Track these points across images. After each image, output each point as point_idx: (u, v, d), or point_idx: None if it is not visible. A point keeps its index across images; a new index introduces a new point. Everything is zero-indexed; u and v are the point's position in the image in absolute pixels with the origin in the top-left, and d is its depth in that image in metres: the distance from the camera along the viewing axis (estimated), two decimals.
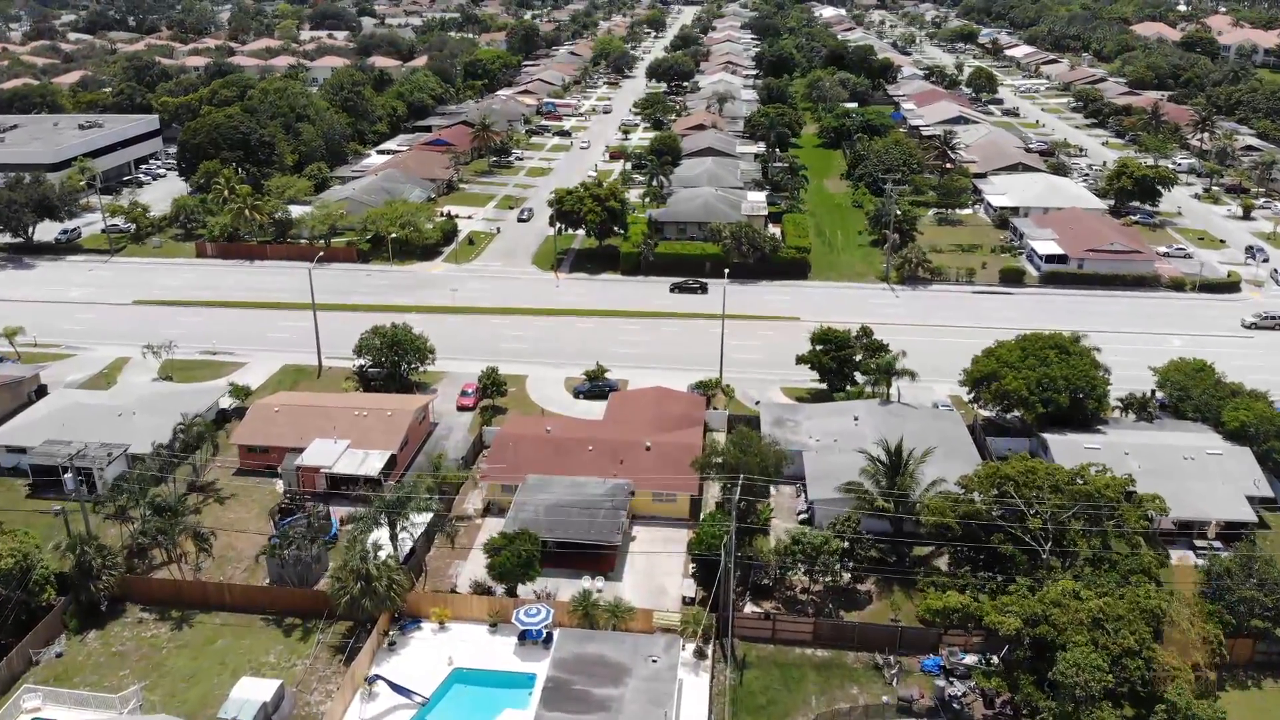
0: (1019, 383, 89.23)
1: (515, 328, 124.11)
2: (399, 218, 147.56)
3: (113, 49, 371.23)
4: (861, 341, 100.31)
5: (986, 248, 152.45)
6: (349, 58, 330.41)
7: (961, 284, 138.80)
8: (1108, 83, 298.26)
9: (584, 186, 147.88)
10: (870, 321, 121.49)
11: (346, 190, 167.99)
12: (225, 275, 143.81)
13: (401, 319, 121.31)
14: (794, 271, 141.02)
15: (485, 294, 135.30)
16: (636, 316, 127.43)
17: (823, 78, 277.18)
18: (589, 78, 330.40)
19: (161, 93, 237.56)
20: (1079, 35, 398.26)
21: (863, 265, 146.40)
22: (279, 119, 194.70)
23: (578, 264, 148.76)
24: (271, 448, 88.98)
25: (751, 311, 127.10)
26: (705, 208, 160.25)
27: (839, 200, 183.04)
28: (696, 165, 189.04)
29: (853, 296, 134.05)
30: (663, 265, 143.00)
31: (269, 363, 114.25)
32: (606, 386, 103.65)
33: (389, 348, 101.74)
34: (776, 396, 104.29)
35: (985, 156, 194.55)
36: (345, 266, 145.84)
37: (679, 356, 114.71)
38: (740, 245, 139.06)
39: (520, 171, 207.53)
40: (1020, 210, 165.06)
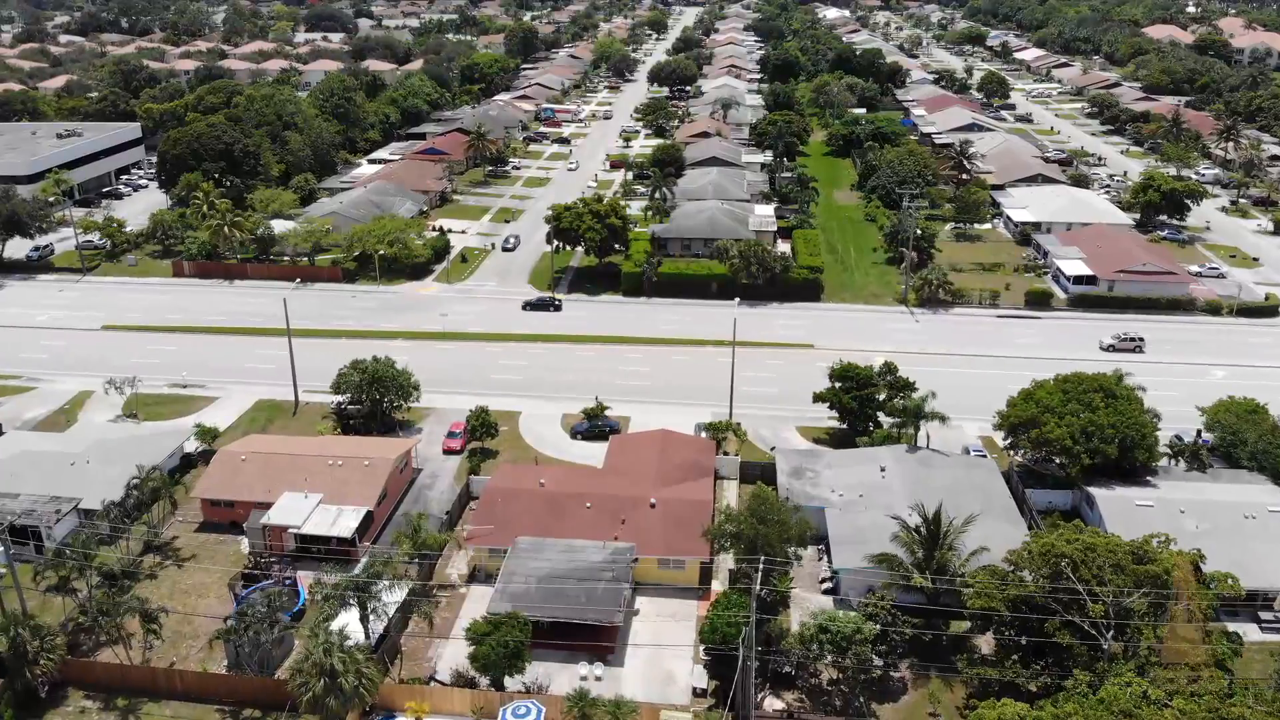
0: (1062, 431, 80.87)
1: (509, 356, 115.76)
2: (387, 235, 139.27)
3: (102, 52, 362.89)
4: (885, 379, 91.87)
5: (1009, 266, 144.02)
6: (343, 61, 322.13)
7: (985, 307, 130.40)
8: (1122, 87, 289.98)
9: (583, 202, 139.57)
10: (889, 350, 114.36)
11: (333, 204, 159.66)
12: (202, 296, 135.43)
13: (386, 348, 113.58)
14: (806, 293, 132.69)
15: (477, 318, 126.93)
16: (639, 344, 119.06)
17: (829, 82, 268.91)
18: (589, 82, 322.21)
19: (146, 99, 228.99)
20: (1089, 38, 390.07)
21: (878, 285, 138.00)
22: (265, 127, 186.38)
23: (577, 283, 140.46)
24: (237, 502, 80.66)
25: (761, 337, 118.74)
26: (711, 223, 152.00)
27: (850, 213, 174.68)
28: (701, 176, 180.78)
29: (869, 321, 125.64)
30: (667, 286, 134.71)
31: (242, 397, 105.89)
32: (606, 427, 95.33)
33: (369, 384, 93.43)
34: (792, 437, 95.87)
35: (1003, 167, 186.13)
36: (329, 287, 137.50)
37: (685, 389, 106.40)
38: (749, 265, 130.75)
39: (517, 182, 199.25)
40: (1042, 226, 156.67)
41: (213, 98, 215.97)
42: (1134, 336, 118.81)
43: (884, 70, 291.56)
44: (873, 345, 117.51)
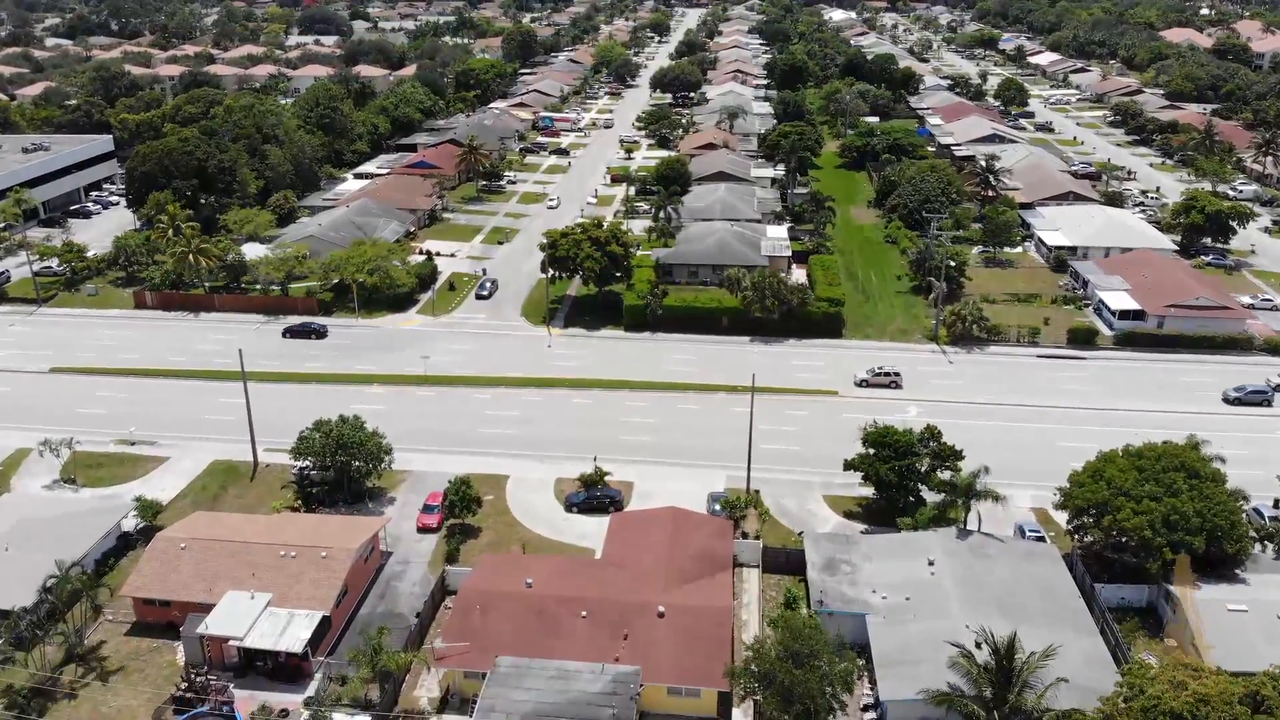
0: (1140, 520, 68.92)
1: (498, 404, 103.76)
2: (367, 262, 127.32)
3: (87, 56, 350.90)
4: (928, 445, 79.89)
5: (1045, 297, 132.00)
6: (334, 66, 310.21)
7: (1023, 345, 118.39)
8: (1144, 95, 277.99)
9: (581, 227, 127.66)
10: (922, 398, 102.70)
11: (310, 227, 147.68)
12: (164, 332, 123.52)
13: (360, 395, 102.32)
14: (826, 328, 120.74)
15: (464, 357, 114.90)
16: (643, 389, 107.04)
17: (840, 89, 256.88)
18: (589, 88, 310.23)
19: (121, 109, 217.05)
20: (1104, 41, 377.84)
21: (905, 319, 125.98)
22: (243, 141, 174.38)
23: (574, 316, 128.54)
24: (174, 602, 68.78)
25: (778, 380, 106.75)
26: (720, 247, 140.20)
27: (868, 233, 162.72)
28: (708, 193, 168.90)
29: (897, 361, 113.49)
30: (673, 320, 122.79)
31: (197, 456, 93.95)
32: (606, 498, 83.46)
33: (334, 450, 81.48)
34: (820, 510, 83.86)
35: (1030, 184, 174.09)
36: (303, 321, 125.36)
37: (695, 446, 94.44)
38: (763, 298, 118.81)
39: (512, 197, 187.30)
40: (1079, 251, 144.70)
41: (191, 108, 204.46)
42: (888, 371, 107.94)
43: (897, 76, 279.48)
44: (903, 391, 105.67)
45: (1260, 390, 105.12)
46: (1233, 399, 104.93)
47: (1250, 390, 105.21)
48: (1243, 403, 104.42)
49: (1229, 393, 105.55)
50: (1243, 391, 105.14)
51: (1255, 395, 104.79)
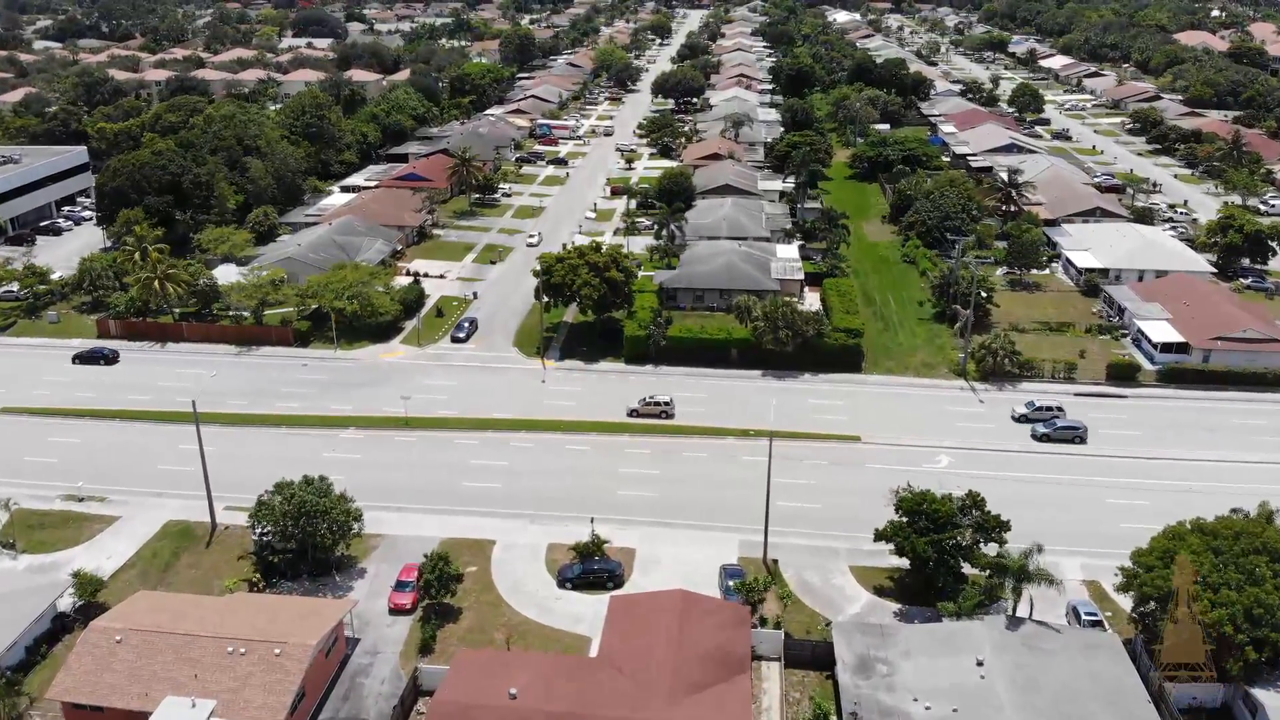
0: (1220, 613, 59.58)
1: (485, 452, 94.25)
2: (347, 288, 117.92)
3: (74, 60, 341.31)
4: (970, 515, 70.47)
5: (1079, 325, 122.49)
6: (326, 70, 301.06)
7: (1059, 381, 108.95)
8: (1162, 101, 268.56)
9: (578, 251, 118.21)
10: (953, 445, 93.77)
11: (289, 247, 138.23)
12: (126, 366, 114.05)
13: (333, 441, 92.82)
14: (844, 362, 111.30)
15: (449, 395, 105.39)
16: (645, 433, 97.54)
17: (850, 95, 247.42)
18: (589, 93, 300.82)
19: (98, 117, 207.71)
20: (1117, 44, 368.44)
21: (929, 350, 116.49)
22: (223, 153, 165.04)
23: (570, 346, 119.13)
24: (107, 708, 59.42)
25: (793, 421, 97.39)
26: (728, 271, 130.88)
27: (884, 252, 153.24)
28: (713, 208, 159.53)
29: (923, 400, 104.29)
30: (678, 352, 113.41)
31: (150, 515, 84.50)
32: (604, 572, 74.00)
33: (296, 518, 72.05)
34: (847, 585, 74.35)
35: (1054, 199, 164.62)
36: (276, 354, 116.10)
37: (703, 502, 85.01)
38: (775, 329, 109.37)
39: (507, 212, 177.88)
40: (1111, 273, 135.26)
41: (171, 116, 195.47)
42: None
43: (907, 81, 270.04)
44: (932, 436, 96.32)
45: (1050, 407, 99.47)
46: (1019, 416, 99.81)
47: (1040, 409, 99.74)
48: (1052, 439, 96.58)
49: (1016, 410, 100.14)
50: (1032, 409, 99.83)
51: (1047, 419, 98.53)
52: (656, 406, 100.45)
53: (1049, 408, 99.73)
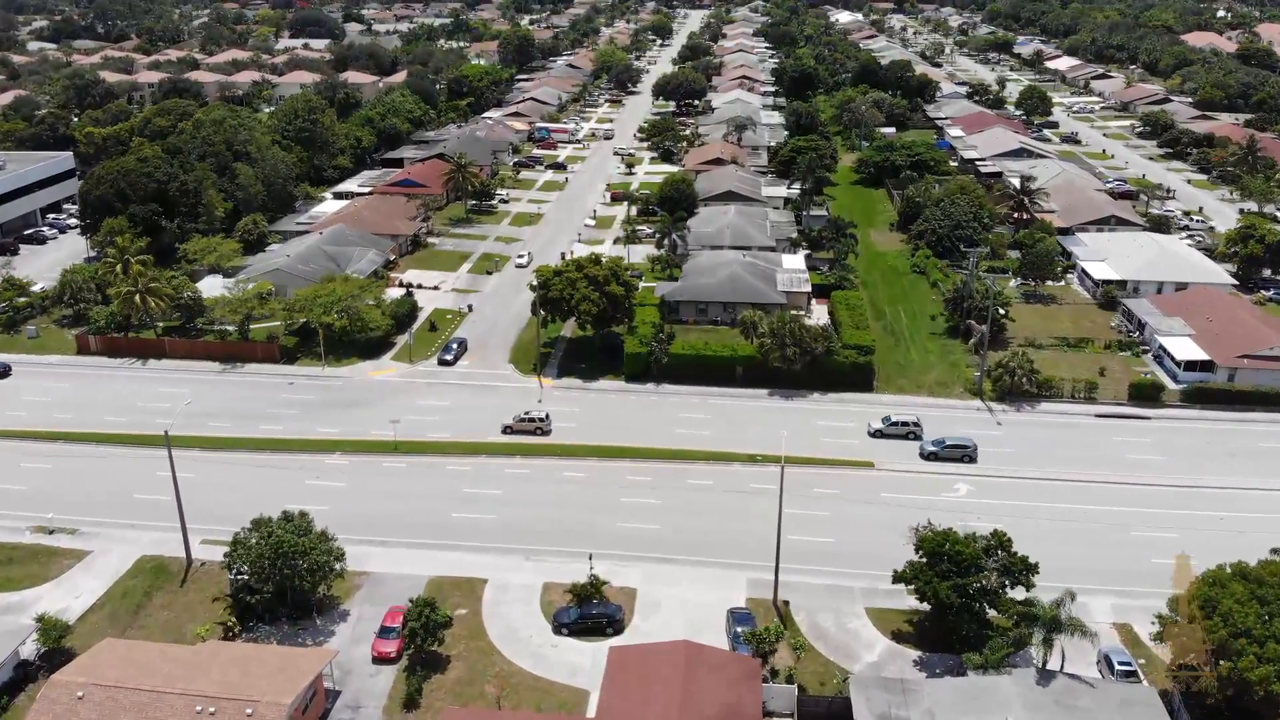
0: (1267, 670, 54.93)
1: (477, 479, 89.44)
2: (336, 301, 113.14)
3: (67, 61, 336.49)
4: (996, 557, 65.73)
5: (1098, 341, 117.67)
6: (322, 72, 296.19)
7: (1079, 401, 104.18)
8: (1172, 103, 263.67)
9: (577, 264, 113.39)
10: (972, 472, 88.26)
11: (277, 258, 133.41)
12: (104, 384, 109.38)
13: (317, 467, 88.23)
14: (855, 381, 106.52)
15: (441, 416, 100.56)
16: (646, 458, 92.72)
17: (854, 98, 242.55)
18: (588, 95, 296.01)
19: (86, 122, 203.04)
20: (1124, 45, 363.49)
21: (943, 368, 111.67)
22: (211, 159, 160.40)
23: (568, 362, 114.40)
24: None
25: (802, 444, 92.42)
26: (731, 282, 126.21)
27: (893, 261, 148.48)
28: (716, 216, 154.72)
29: (938, 423, 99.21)
30: (680, 370, 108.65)
31: (123, 549, 79.82)
32: (604, 616, 69.24)
33: (273, 559, 67.32)
34: (864, 630, 69.55)
35: (1068, 206, 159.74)
36: (261, 372, 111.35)
37: (708, 535, 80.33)
38: (783, 346, 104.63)
39: (504, 219, 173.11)
40: (1129, 285, 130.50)
41: (161, 120, 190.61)
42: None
43: (913, 84, 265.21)
44: (949, 462, 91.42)
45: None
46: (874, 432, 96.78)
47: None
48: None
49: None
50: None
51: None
52: (531, 423, 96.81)
53: (905, 422, 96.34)
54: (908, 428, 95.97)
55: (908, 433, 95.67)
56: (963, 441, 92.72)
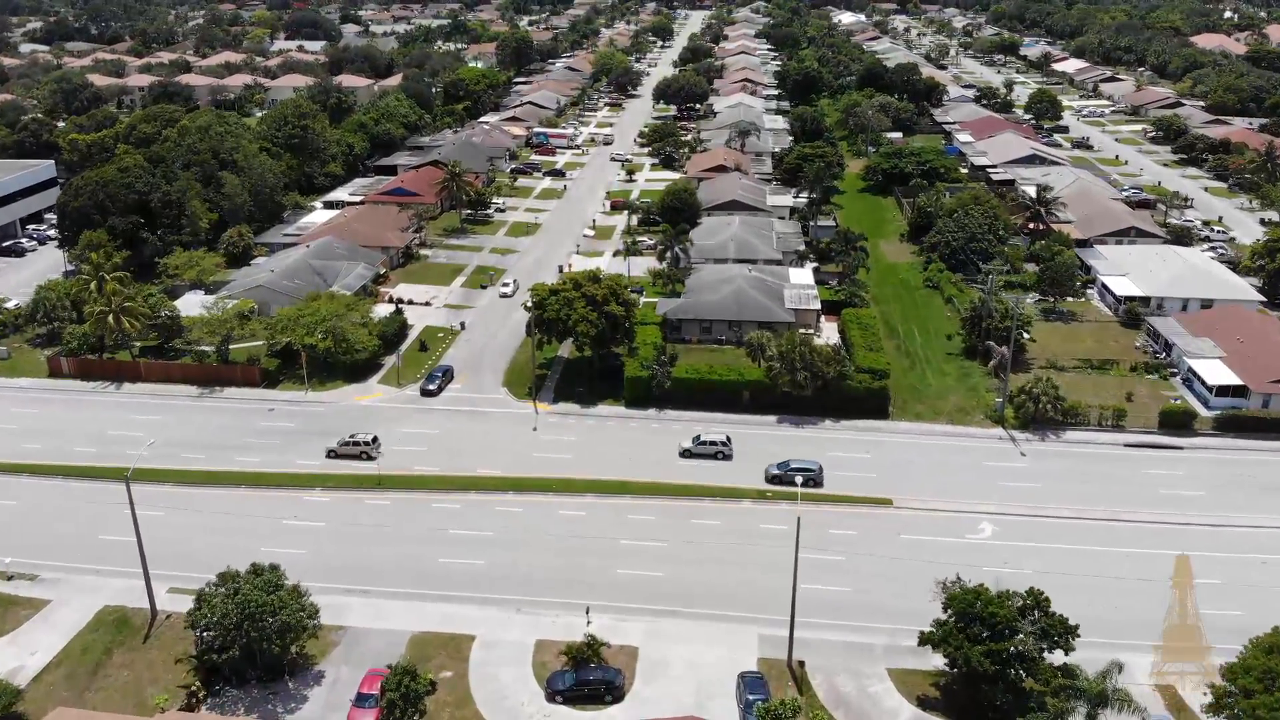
0: None
1: (467, 518, 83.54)
2: (320, 322, 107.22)
3: (58, 64, 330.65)
4: (1034, 619, 59.84)
5: (1123, 363, 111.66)
6: (316, 75, 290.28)
7: (1107, 429, 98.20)
8: (1185, 107, 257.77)
9: (574, 283, 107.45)
10: (994, 511, 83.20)
11: (261, 274, 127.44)
12: (75, 411, 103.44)
13: (295, 504, 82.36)
14: (869, 407, 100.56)
15: (429, 446, 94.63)
16: (649, 494, 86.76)
17: (860, 102, 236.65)
18: (588, 98, 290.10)
19: (70, 128, 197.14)
20: (1131, 47, 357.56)
21: (961, 392, 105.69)
22: (196, 168, 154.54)
23: (565, 386, 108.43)
24: None
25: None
26: (737, 300, 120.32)
27: (904, 275, 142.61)
28: (720, 227, 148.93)
29: (958, 453, 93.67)
30: (684, 394, 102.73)
31: (85, 599, 73.97)
32: (602, 683, 63.25)
33: (239, 622, 61.38)
34: (887, 697, 63.53)
35: (1085, 216, 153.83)
36: (241, 396, 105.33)
37: (716, 584, 74.39)
38: (793, 370, 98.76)
39: (501, 229, 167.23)
40: (1153, 302, 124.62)
41: (147, 127, 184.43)
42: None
43: (920, 87, 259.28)
44: (972, 498, 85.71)
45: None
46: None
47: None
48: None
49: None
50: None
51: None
52: (356, 446, 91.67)
53: (715, 441, 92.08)
54: (716, 447, 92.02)
55: (716, 452, 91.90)
56: (808, 465, 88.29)
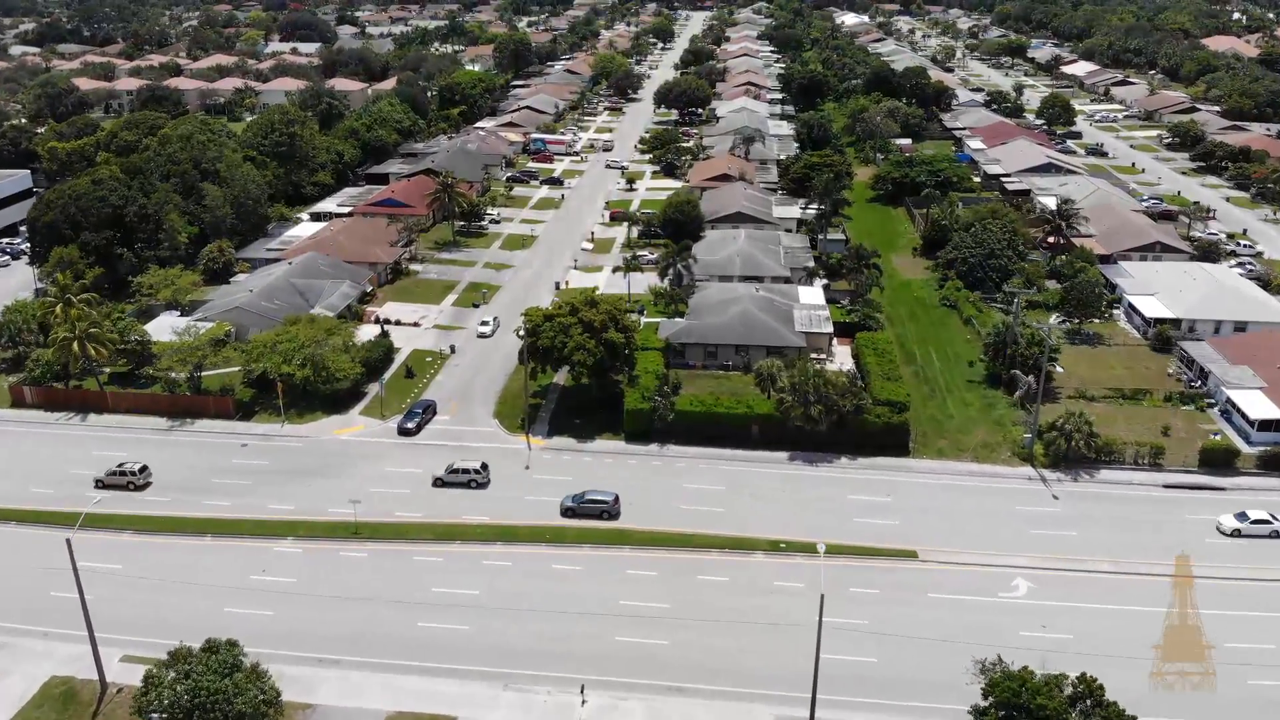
0: None
1: (451, 573, 76.35)
2: (298, 349, 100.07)
3: (46, 67, 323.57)
4: (1087, 710, 52.78)
5: (1156, 393, 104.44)
6: (309, 78, 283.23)
7: (1143, 468, 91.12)
8: (1200, 112, 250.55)
9: (570, 308, 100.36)
10: (1031, 565, 75.51)
11: (240, 294, 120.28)
12: (37, 445, 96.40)
13: (262, 557, 75.32)
14: (888, 443, 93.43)
15: (413, 488, 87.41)
16: (651, 545, 79.63)
17: (868, 107, 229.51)
18: (587, 102, 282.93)
19: (49, 135, 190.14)
20: (1141, 50, 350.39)
21: (985, 425, 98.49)
22: (175, 179, 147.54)
23: (561, 417, 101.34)
24: None
25: (832, 524, 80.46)
26: (744, 323, 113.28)
27: (918, 292, 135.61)
28: (724, 242, 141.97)
29: (986, 496, 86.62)
30: (687, 429, 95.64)
31: (31, 667, 66.89)
32: None
33: (189, 712, 54.28)
34: None
35: (1107, 230, 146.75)
36: (213, 430, 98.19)
37: (726, 654, 67.25)
38: (806, 404, 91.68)
39: (495, 241, 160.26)
40: (1183, 325, 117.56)
41: (128, 134, 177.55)
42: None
43: (929, 91, 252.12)
44: (1003, 550, 78.68)
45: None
46: None
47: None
48: None
49: None
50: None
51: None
52: (124, 477, 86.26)
53: (468, 469, 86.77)
54: (469, 475, 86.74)
55: (469, 480, 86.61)
56: (601, 497, 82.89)
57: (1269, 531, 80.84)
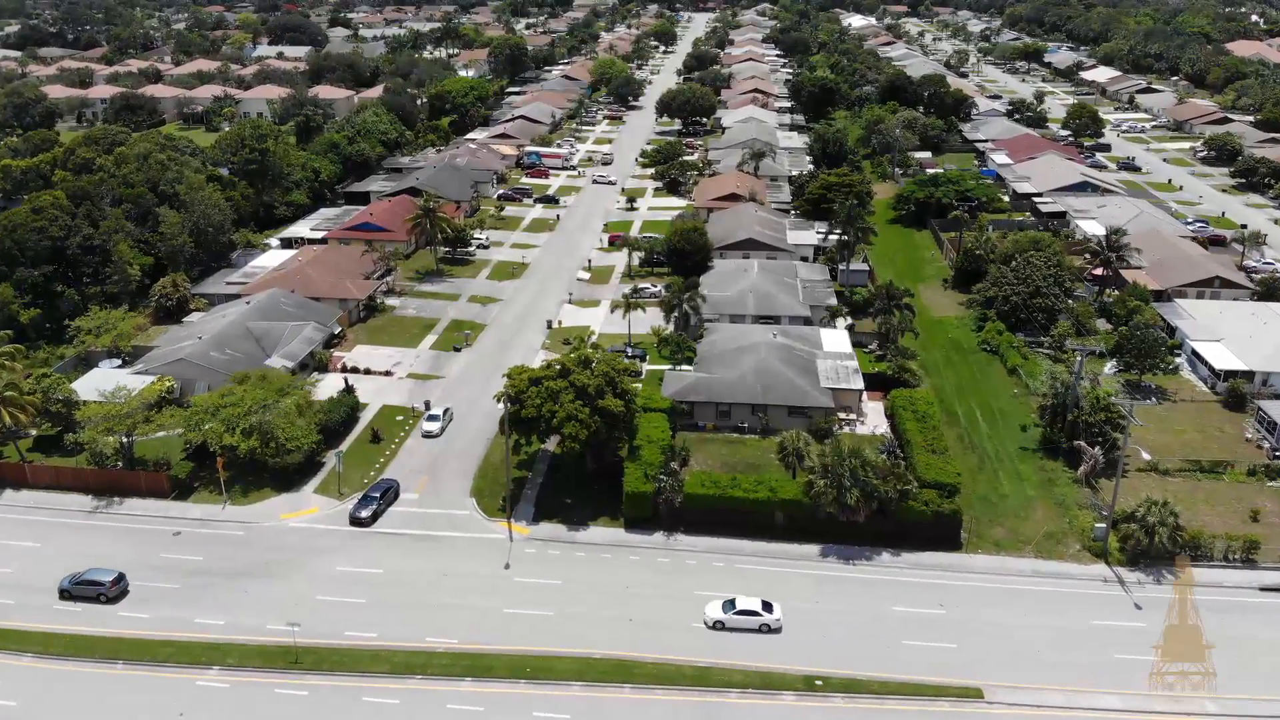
0: None
1: (409, 718, 62.09)
2: (243, 415, 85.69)
3: (22, 74, 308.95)
4: None
5: (1238, 465, 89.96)
6: (292, 84, 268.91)
7: (1235, 565, 76.79)
8: (1234, 123, 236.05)
9: (561, 368, 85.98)
10: (1125, 708, 60.89)
11: (187, 342, 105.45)
12: None
13: (183, 697, 60.66)
14: (936, 535, 79.07)
15: (368, 595, 73.03)
16: (657, 683, 65.15)
17: (884, 118, 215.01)
18: (585, 111, 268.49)
19: (3, 152, 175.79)
20: (1162, 54, 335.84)
21: (1046, 506, 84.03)
22: (128, 204, 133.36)
23: (549, 497, 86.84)
24: None
25: (878, 652, 65.81)
26: (760, 376, 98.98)
27: (953, 333, 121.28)
28: (736, 274, 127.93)
29: (1056, 603, 72.29)
30: (698, 515, 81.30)
31: None
32: None
33: None
34: None
35: (1159, 262, 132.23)
36: (144, 512, 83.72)
37: None
38: (841, 489, 77.28)
39: (482, 269, 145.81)
40: (1257, 378, 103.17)
41: (87, 151, 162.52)
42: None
43: (948, 101, 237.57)
44: (1084, 682, 64.31)
45: None
46: None
47: None
48: None
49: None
50: None
51: None
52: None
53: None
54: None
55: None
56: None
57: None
